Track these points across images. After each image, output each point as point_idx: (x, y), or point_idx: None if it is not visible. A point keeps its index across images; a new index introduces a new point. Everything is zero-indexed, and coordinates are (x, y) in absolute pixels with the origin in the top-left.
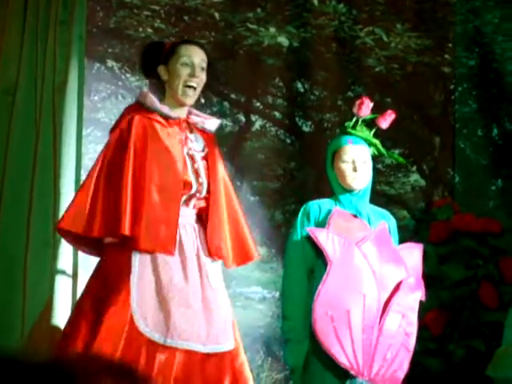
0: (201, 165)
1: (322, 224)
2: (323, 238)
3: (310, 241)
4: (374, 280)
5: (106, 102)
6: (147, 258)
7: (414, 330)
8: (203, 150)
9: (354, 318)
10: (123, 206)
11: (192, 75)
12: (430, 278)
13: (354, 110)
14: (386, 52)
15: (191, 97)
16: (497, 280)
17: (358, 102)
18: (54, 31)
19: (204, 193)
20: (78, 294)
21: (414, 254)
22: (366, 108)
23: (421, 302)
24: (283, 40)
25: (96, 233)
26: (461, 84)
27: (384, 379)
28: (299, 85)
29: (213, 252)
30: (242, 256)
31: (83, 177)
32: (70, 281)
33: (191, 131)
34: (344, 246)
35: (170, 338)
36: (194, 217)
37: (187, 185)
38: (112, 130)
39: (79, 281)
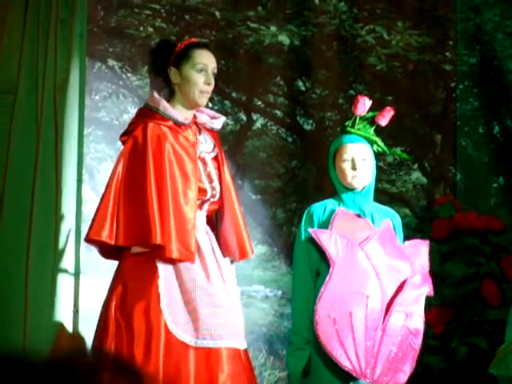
0: (212, 167)
1: (325, 225)
2: (326, 239)
3: (313, 243)
4: (378, 281)
5: (107, 102)
6: (170, 266)
7: (420, 327)
8: (213, 150)
9: (357, 319)
10: (151, 215)
11: (208, 83)
12: (432, 275)
13: (352, 108)
14: (386, 50)
15: (205, 101)
16: (499, 277)
17: (354, 101)
18: (54, 30)
19: (217, 196)
20: (80, 293)
21: (420, 250)
22: (361, 106)
23: (427, 298)
24: (284, 38)
25: (121, 241)
26: (462, 82)
27: (388, 380)
28: (300, 83)
29: (227, 253)
30: (240, 253)
31: (84, 176)
32: (71, 280)
33: (200, 132)
34: (347, 246)
35: (201, 338)
36: (205, 219)
37: (202, 191)
38: (123, 135)
39: (81, 279)
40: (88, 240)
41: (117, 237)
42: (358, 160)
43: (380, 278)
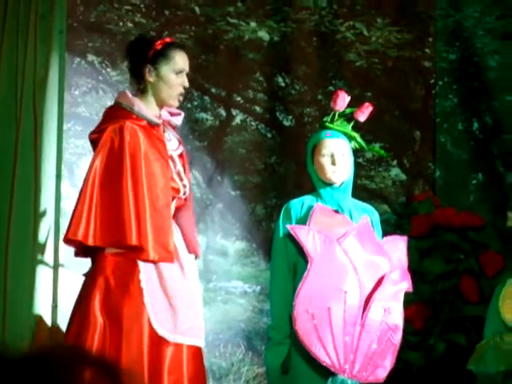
0: (180, 165)
1: (303, 221)
2: (304, 235)
3: (291, 238)
4: (356, 276)
5: (87, 97)
6: (151, 264)
7: (399, 322)
8: (178, 147)
9: (335, 315)
10: (127, 216)
11: (185, 86)
12: (411, 272)
13: (331, 103)
14: (366, 46)
15: (178, 102)
16: (478, 274)
17: (333, 96)
18: (34, 26)
19: (187, 193)
20: (59, 286)
21: (398, 246)
22: (341, 101)
23: (406, 294)
24: (264, 34)
25: (98, 242)
26: (441, 78)
27: (367, 375)
28: (280, 79)
29: (193, 248)
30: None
31: (64, 171)
32: (50, 275)
33: (164, 129)
34: (325, 242)
35: (178, 334)
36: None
37: (175, 190)
38: (94, 133)
39: (60, 272)
40: (65, 240)
41: (93, 237)
42: (338, 155)
43: (358, 273)
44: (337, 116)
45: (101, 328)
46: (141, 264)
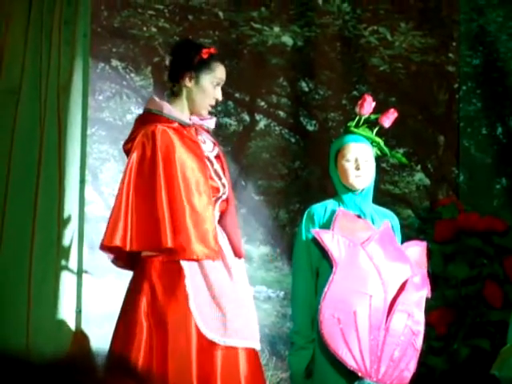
0: (217, 165)
1: (326, 225)
2: (328, 239)
3: (315, 243)
4: (380, 280)
5: (111, 102)
6: (195, 264)
7: (421, 328)
8: (214, 149)
9: (361, 319)
10: (161, 219)
11: (218, 98)
12: (435, 276)
13: (357, 108)
14: (390, 51)
15: (207, 113)
16: (502, 279)
17: (359, 101)
18: (58, 30)
19: (227, 193)
20: (83, 292)
21: (418, 251)
22: (367, 105)
23: (427, 300)
24: (287, 39)
25: (135, 246)
26: (465, 83)
27: (392, 379)
28: (303, 84)
29: (239, 252)
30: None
31: (87, 177)
32: (74, 280)
33: (196, 132)
34: (349, 246)
35: (228, 337)
36: (218, 218)
37: (214, 189)
38: (127, 142)
39: (84, 279)
40: (102, 247)
41: (130, 242)
42: (361, 160)
43: (382, 277)
44: (362, 121)
45: (147, 334)
46: (186, 268)
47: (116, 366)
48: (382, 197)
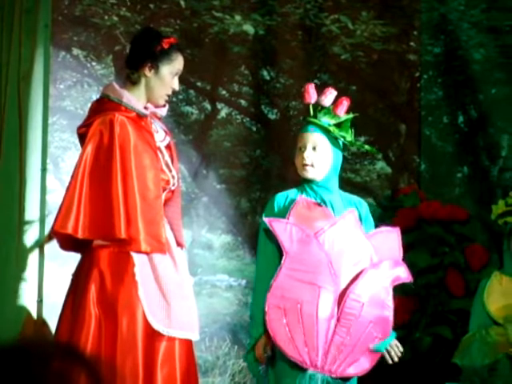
0: (167, 156)
1: (284, 213)
2: (280, 228)
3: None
4: (332, 271)
5: (72, 91)
6: (144, 256)
7: (383, 313)
8: (165, 139)
9: (307, 310)
10: (116, 209)
11: (174, 88)
12: None
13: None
14: (351, 40)
15: (163, 102)
16: (463, 267)
17: (302, 90)
18: (19, 19)
19: (176, 184)
20: (44, 281)
21: (390, 237)
22: (308, 94)
23: (405, 284)
24: (249, 28)
25: (87, 234)
26: (426, 71)
27: (342, 369)
28: (265, 73)
29: (180, 242)
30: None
31: (49, 165)
32: (36, 267)
33: (151, 121)
34: (302, 236)
35: (171, 328)
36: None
37: (164, 181)
38: (82, 127)
39: (45, 267)
40: (53, 232)
41: (83, 230)
42: (309, 149)
43: (334, 267)
44: (318, 110)
45: (96, 321)
46: (135, 257)
47: (65, 352)
48: (343, 185)
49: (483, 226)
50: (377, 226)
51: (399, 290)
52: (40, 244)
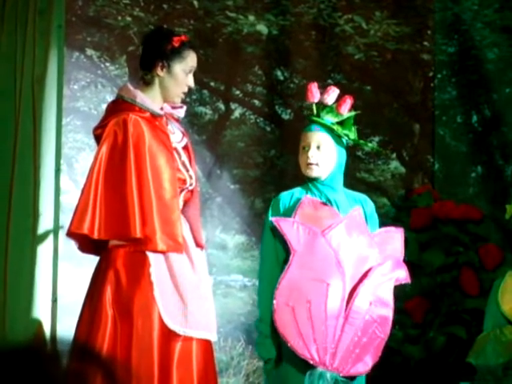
0: (184, 156)
1: (290, 212)
2: (287, 227)
3: (278, 231)
4: (340, 269)
5: (86, 91)
6: (160, 254)
7: (386, 314)
8: (182, 140)
9: (316, 308)
10: (131, 208)
11: (190, 85)
12: (410, 265)
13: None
14: (365, 39)
15: (180, 100)
16: (477, 267)
17: (305, 90)
18: (33, 21)
19: (194, 185)
20: (59, 281)
21: (393, 237)
22: (311, 93)
23: (403, 288)
24: (262, 28)
25: (103, 235)
26: (440, 71)
27: (348, 368)
28: (279, 73)
29: (200, 243)
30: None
31: (63, 166)
32: (50, 267)
33: (167, 122)
34: (309, 234)
35: (188, 328)
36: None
37: (181, 181)
38: (98, 128)
39: (59, 267)
40: (69, 234)
41: (98, 230)
42: (312, 148)
43: (342, 265)
44: (321, 109)
45: (112, 322)
46: (151, 257)
47: (81, 352)
48: (357, 185)
49: (497, 225)
50: (390, 225)
51: (414, 290)
52: (54, 244)
